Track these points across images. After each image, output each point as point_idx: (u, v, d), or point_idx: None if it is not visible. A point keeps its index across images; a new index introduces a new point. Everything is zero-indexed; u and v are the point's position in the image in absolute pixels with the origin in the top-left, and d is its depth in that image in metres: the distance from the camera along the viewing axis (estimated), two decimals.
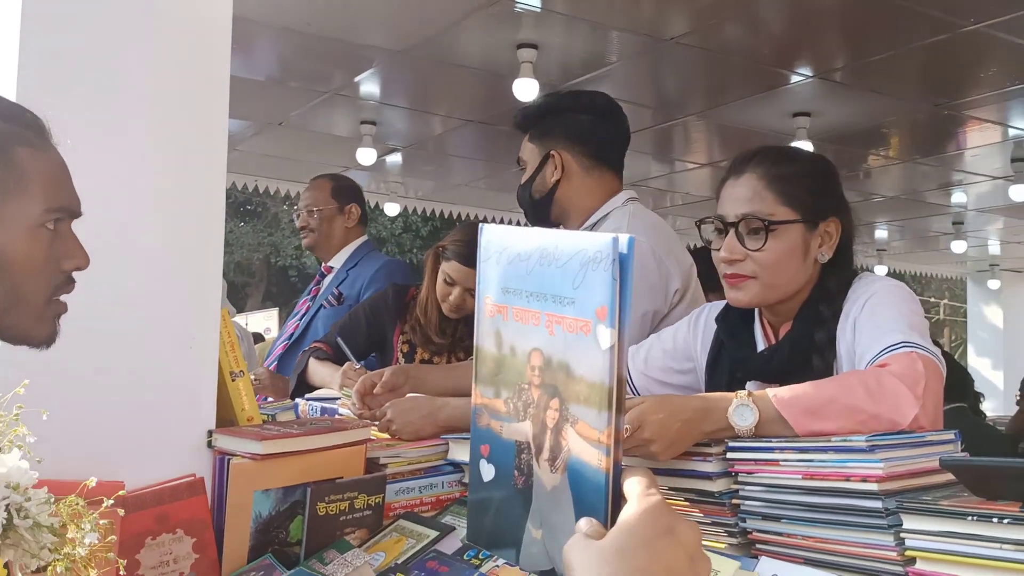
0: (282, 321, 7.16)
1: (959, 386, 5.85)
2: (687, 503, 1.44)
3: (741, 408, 1.40)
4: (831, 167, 1.80)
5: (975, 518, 1.08)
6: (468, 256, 2.86)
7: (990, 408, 8.29)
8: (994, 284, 13.06)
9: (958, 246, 10.35)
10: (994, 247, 11.62)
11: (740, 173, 1.72)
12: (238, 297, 17.94)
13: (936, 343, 1.69)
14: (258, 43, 4.81)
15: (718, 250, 1.72)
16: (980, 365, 12.76)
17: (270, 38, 4.74)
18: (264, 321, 9.57)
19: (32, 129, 1.31)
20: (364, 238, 3.73)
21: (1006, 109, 5.81)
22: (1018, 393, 5.84)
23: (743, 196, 1.70)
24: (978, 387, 5.02)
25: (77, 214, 1.37)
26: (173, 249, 1.74)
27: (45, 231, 1.31)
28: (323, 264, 3.70)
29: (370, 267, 3.55)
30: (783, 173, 1.70)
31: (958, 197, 8.64)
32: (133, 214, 1.69)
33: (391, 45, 4.81)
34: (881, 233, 10.71)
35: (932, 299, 21.98)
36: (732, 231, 1.69)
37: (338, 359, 2.87)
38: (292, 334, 3.60)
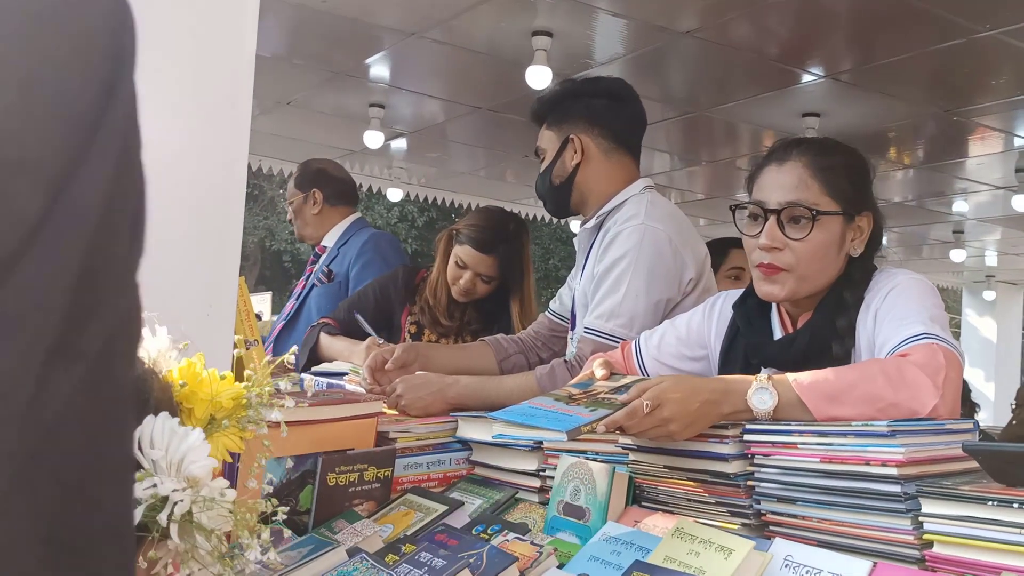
0: (275, 305, 7.19)
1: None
2: (702, 484, 1.45)
3: (760, 391, 1.41)
4: (868, 162, 1.79)
5: (995, 503, 1.08)
6: (482, 241, 2.86)
7: (982, 419, 8.35)
8: (989, 295, 13.08)
9: (957, 255, 10.37)
10: (991, 258, 11.64)
11: (784, 160, 1.70)
12: None
13: None
14: (271, 19, 4.79)
15: (754, 236, 1.69)
16: (973, 376, 12.76)
17: (284, 14, 4.72)
18: (257, 304, 9.53)
19: None
20: (355, 215, 3.74)
21: (1014, 118, 5.81)
22: (1013, 402, 5.87)
23: (788, 183, 1.67)
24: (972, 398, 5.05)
25: None
26: (194, 217, 1.74)
27: None
28: (316, 246, 3.72)
29: (357, 242, 3.57)
30: (828, 163, 1.69)
31: (959, 206, 8.65)
32: (153, 181, 1.69)
33: (404, 27, 4.79)
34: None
35: None
36: (773, 219, 1.67)
37: (347, 334, 2.87)
38: (288, 313, 3.62)
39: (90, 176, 0.44)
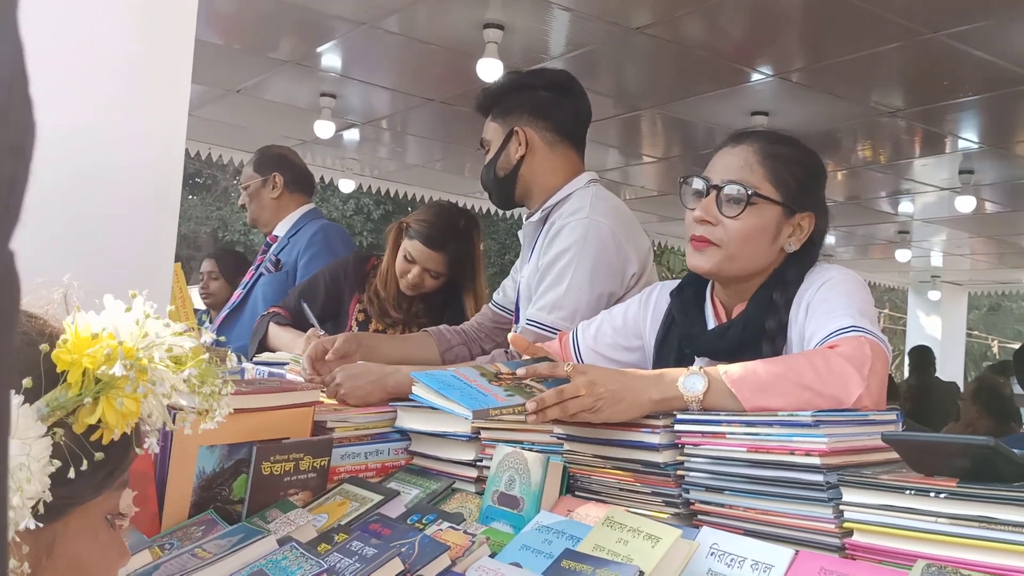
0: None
1: (891, 392, 6.02)
2: (633, 473, 1.46)
3: (692, 376, 1.43)
4: (822, 166, 1.83)
5: (913, 492, 1.11)
6: (431, 237, 2.85)
7: None
8: (934, 295, 13.34)
9: (902, 255, 10.55)
10: (936, 259, 11.87)
11: (737, 143, 1.75)
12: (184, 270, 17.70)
13: None
14: (221, 5, 4.73)
15: (693, 210, 1.73)
16: None
17: (235, 1, 4.67)
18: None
19: None
20: (309, 206, 3.71)
21: (957, 120, 5.93)
22: (960, 402, 6.00)
23: (734, 164, 1.72)
24: None
25: None
26: (130, 201, 1.72)
27: None
28: (268, 235, 3.67)
29: (308, 232, 3.54)
30: (778, 153, 1.72)
31: (905, 206, 8.81)
32: (89, 163, 1.66)
33: (355, 16, 4.76)
34: (828, 238, 10.83)
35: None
36: (714, 194, 1.71)
37: (297, 324, 2.85)
38: (234, 302, 3.57)
39: None
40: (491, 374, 1.54)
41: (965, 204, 7.41)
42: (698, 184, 1.74)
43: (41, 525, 0.78)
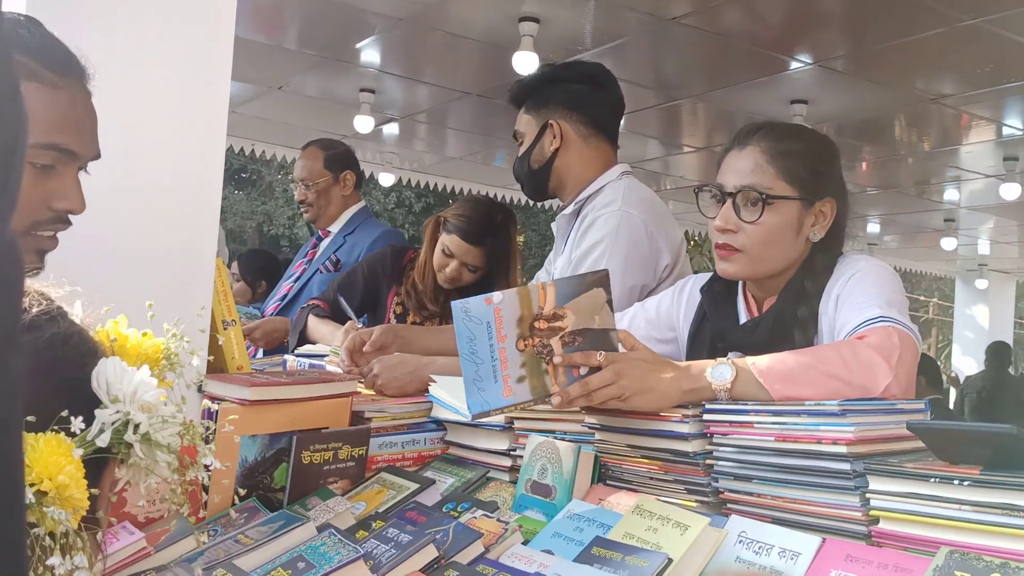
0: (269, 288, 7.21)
1: (935, 381, 5.99)
2: (663, 463, 1.48)
3: (720, 366, 1.44)
4: (833, 148, 1.81)
5: (937, 480, 1.11)
6: (469, 232, 2.88)
7: None
8: (982, 284, 13.13)
9: (948, 243, 10.40)
10: (984, 247, 11.68)
11: (744, 145, 1.74)
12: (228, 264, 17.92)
13: None
14: (263, 4, 4.80)
15: (713, 218, 1.74)
16: (965, 365, 12.81)
17: None
18: None
19: (51, 66, 1.32)
20: (361, 204, 3.74)
21: (1001, 106, 5.83)
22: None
23: (744, 168, 1.71)
24: None
25: (80, 157, 1.38)
26: (171, 196, 1.76)
27: (30, 166, 1.31)
28: (321, 229, 3.72)
29: (368, 236, 3.56)
30: (786, 149, 1.72)
31: (951, 194, 8.68)
32: (131, 160, 1.71)
33: (393, 12, 4.80)
34: (873, 227, 10.74)
35: (922, 297, 22.03)
36: (729, 201, 1.71)
37: (336, 316, 2.90)
38: (285, 295, 3.62)
39: None
40: (527, 326, 1.48)
41: (1010, 191, 7.29)
42: (713, 193, 1.75)
43: None
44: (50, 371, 0.74)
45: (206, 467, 0.99)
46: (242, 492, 1.65)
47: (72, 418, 0.75)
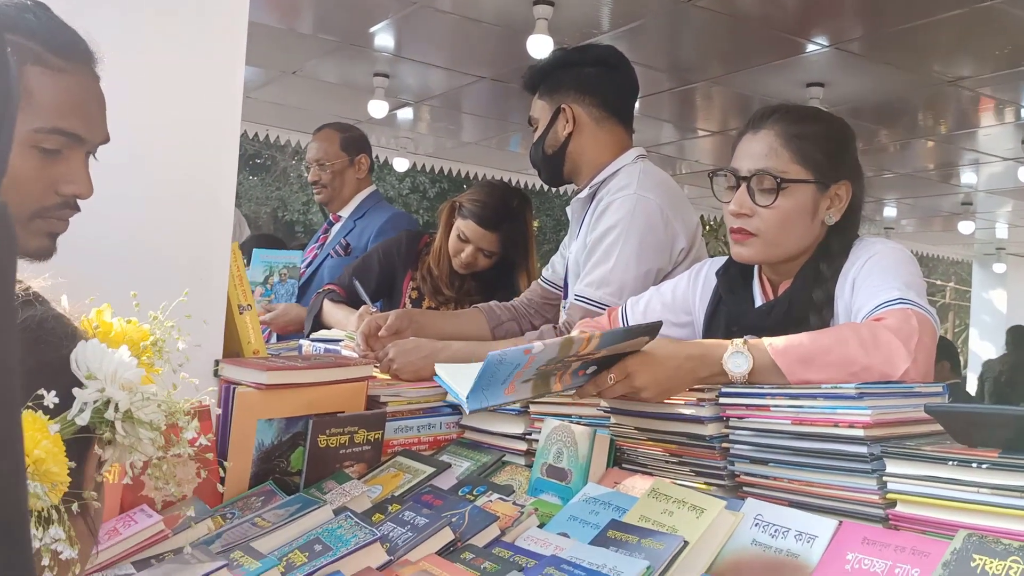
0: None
1: (958, 366, 5.97)
2: (679, 446, 1.48)
3: (736, 355, 1.44)
4: (848, 130, 1.80)
5: (955, 463, 1.11)
6: (484, 217, 2.88)
7: None
8: (999, 268, 13.03)
9: (966, 227, 10.32)
10: (1002, 230, 11.59)
11: (758, 128, 1.73)
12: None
13: None
14: None
15: (728, 203, 1.74)
16: (982, 350, 12.73)
17: None
18: None
19: (57, 50, 1.32)
20: (372, 188, 3.75)
21: (1019, 88, 5.77)
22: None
23: (759, 152, 1.71)
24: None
25: (87, 142, 1.37)
26: (186, 181, 1.77)
27: (35, 151, 1.31)
28: (332, 213, 3.73)
29: (377, 218, 3.57)
30: (800, 132, 1.71)
31: (968, 177, 8.61)
32: (146, 145, 1.72)
33: None
34: (890, 211, 10.67)
35: (939, 281, 21.90)
36: (744, 185, 1.71)
37: (351, 301, 2.90)
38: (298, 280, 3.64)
39: None
40: (557, 362, 1.44)
41: None
42: (728, 177, 1.75)
43: None
44: (26, 354, 0.74)
45: (190, 442, 0.99)
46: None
47: (45, 392, 0.75)
